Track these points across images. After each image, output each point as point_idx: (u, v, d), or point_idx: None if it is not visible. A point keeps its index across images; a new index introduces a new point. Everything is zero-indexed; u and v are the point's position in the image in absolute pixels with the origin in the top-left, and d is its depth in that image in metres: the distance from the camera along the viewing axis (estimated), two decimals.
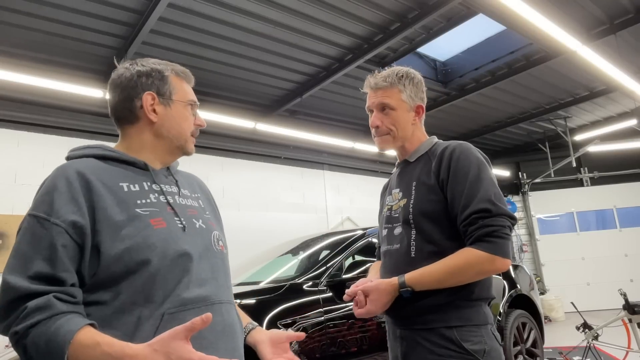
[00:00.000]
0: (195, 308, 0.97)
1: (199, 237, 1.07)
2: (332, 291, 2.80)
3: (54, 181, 0.95)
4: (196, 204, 1.17)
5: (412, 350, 1.30)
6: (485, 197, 1.22)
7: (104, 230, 0.93)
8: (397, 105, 1.39)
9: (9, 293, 0.85)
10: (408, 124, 1.41)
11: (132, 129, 1.11)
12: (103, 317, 0.91)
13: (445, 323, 1.26)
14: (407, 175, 1.42)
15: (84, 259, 0.91)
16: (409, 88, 1.41)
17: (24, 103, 4.79)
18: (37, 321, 0.83)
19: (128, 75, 1.10)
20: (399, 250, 1.34)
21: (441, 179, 1.30)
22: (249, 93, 5.59)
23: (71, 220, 0.91)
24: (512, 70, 5.48)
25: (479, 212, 1.21)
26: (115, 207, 0.96)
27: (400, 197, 1.40)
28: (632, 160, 8.70)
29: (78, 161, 1.02)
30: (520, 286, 3.76)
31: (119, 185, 1.00)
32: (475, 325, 1.27)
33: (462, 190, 1.25)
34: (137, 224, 0.96)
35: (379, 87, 1.41)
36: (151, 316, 0.92)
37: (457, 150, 1.31)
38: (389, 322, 1.42)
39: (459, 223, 1.26)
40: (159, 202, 1.04)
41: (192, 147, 1.17)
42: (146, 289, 0.93)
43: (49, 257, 0.88)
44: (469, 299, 1.28)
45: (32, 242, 0.90)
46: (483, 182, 1.25)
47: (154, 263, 0.95)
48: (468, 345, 1.23)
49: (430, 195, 1.31)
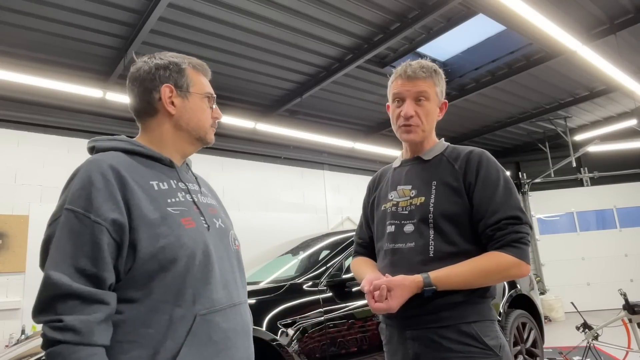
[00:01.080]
0: (222, 310, 1.01)
1: (220, 237, 1.09)
2: (332, 291, 2.80)
3: (89, 175, 0.94)
4: (214, 202, 1.20)
5: (426, 350, 1.26)
6: (515, 205, 1.27)
7: (140, 227, 0.94)
8: (432, 97, 1.38)
9: (50, 289, 0.86)
10: (435, 118, 1.41)
11: (152, 121, 1.13)
12: (137, 315, 0.92)
13: (464, 319, 1.25)
14: (422, 173, 1.39)
15: (121, 256, 0.93)
16: (440, 84, 1.40)
17: (24, 103, 4.79)
18: (66, 341, 0.84)
19: (146, 68, 1.12)
20: (414, 249, 1.30)
21: (468, 183, 1.30)
22: (249, 93, 5.59)
23: (112, 218, 0.92)
24: (512, 70, 5.48)
25: (509, 219, 1.24)
26: (149, 206, 0.97)
27: (414, 194, 1.36)
28: (632, 160, 8.70)
29: (109, 155, 1.01)
30: (520, 286, 3.76)
31: (149, 184, 1.01)
32: (490, 320, 1.28)
33: (491, 197, 1.27)
34: (170, 223, 0.98)
35: (418, 76, 1.36)
36: (184, 317, 0.94)
37: (484, 157, 1.33)
38: (392, 325, 1.37)
39: (484, 227, 1.26)
40: (186, 201, 1.06)
41: (212, 137, 1.18)
42: (177, 287, 0.95)
43: (91, 255, 0.89)
44: (485, 297, 1.29)
45: (73, 238, 0.90)
46: (512, 191, 1.29)
47: (185, 262, 0.96)
48: (487, 340, 1.24)
49: (453, 197, 1.30)
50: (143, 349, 0.91)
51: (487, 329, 1.26)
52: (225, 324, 1.00)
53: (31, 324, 4.44)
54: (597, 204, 8.70)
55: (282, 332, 2.44)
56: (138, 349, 0.91)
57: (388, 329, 1.40)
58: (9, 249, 4.59)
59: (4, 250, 4.56)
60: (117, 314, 0.92)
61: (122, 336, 0.91)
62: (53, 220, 0.94)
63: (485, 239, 1.27)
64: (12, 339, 4.32)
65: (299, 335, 2.50)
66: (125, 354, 0.90)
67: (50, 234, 0.93)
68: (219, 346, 0.97)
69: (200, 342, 0.95)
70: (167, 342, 0.91)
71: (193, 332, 0.94)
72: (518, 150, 9.18)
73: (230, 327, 1.01)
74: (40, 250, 0.94)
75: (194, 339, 0.94)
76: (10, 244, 4.61)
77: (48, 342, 0.85)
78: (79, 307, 0.86)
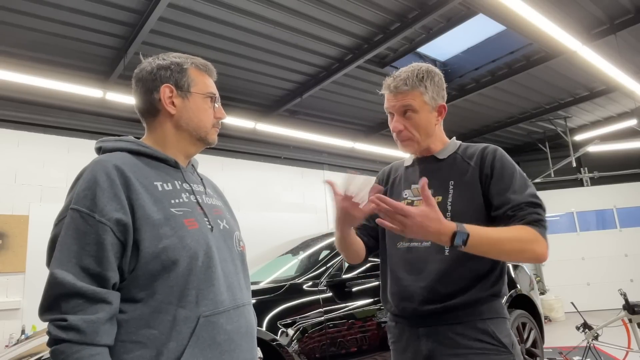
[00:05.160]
0: (226, 311, 1.01)
1: (224, 238, 1.10)
2: (332, 291, 2.80)
3: (94, 175, 0.96)
4: (219, 203, 1.20)
5: (439, 347, 1.25)
6: (533, 193, 1.26)
7: (143, 228, 0.95)
8: (419, 108, 1.33)
9: (55, 288, 0.87)
10: (431, 125, 1.37)
11: (155, 121, 1.13)
12: (141, 315, 0.93)
13: (479, 316, 1.25)
14: (438, 173, 1.37)
15: (125, 256, 0.94)
16: (430, 89, 1.34)
17: (24, 103, 4.79)
18: (69, 340, 0.85)
19: (149, 68, 1.12)
20: (430, 248, 1.30)
21: (484, 177, 1.30)
22: (249, 93, 5.60)
23: (116, 218, 0.93)
24: (512, 70, 5.48)
25: (530, 204, 1.23)
26: (153, 206, 0.98)
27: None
28: (632, 160, 8.70)
29: (114, 156, 1.03)
30: (520, 286, 3.76)
31: (153, 185, 1.02)
32: (503, 318, 1.29)
33: (510, 185, 1.26)
34: (173, 224, 0.98)
35: (401, 90, 1.33)
36: (187, 318, 0.95)
37: (498, 152, 1.33)
38: (403, 322, 1.35)
39: (505, 209, 1.23)
40: (190, 202, 1.06)
41: (214, 138, 1.18)
42: (180, 288, 0.96)
43: (96, 254, 0.90)
44: (498, 295, 1.29)
45: (78, 237, 0.91)
46: (528, 182, 1.29)
47: (187, 263, 0.97)
48: (502, 337, 1.24)
49: (470, 195, 1.30)
50: (146, 349, 0.91)
51: (502, 326, 1.26)
52: (229, 325, 1.00)
53: (31, 324, 4.45)
54: (597, 204, 8.69)
55: (282, 332, 2.44)
56: (141, 349, 0.91)
57: (398, 326, 1.38)
58: (9, 249, 4.59)
59: (4, 250, 4.56)
60: (121, 313, 0.93)
61: (126, 336, 0.92)
62: (59, 220, 0.96)
63: (505, 219, 1.23)
64: (12, 339, 4.32)
65: (299, 335, 2.50)
66: (128, 354, 0.91)
67: (56, 233, 0.94)
68: (223, 348, 0.98)
69: (203, 343, 0.95)
70: (170, 343, 0.92)
71: (197, 334, 0.94)
72: (518, 150, 9.18)
73: (234, 328, 1.01)
74: (47, 250, 0.96)
75: (197, 340, 0.94)
76: (10, 244, 4.61)
77: (52, 340, 0.86)
78: (82, 306, 0.87)
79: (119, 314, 0.92)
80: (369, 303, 2.92)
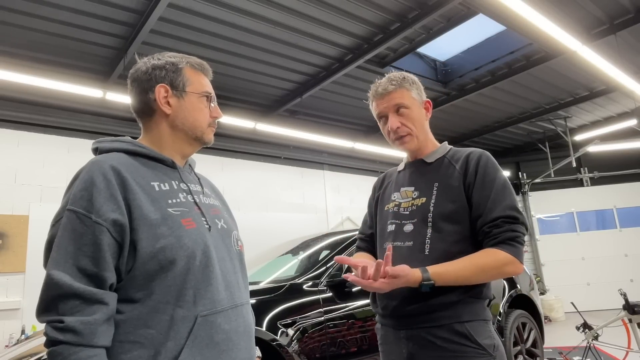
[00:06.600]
0: (224, 311, 1.01)
1: (222, 238, 1.10)
2: (332, 291, 2.80)
3: (90, 176, 0.95)
4: (217, 202, 1.19)
5: (420, 349, 1.29)
6: (511, 205, 1.30)
7: (141, 228, 0.94)
8: (410, 103, 1.43)
9: (52, 289, 0.87)
10: (423, 120, 1.47)
11: (151, 122, 1.13)
12: (139, 315, 0.93)
13: (457, 318, 1.27)
14: (425, 176, 1.44)
15: (122, 256, 0.94)
16: (414, 87, 1.46)
17: (24, 103, 4.79)
18: (67, 341, 0.85)
19: (144, 68, 1.12)
20: (412, 248, 1.35)
21: (467, 183, 1.35)
22: (248, 93, 5.59)
23: (112, 218, 0.92)
24: (512, 70, 5.48)
25: (506, 218, 1.27)
26: (150, 206, 0.98)
27: (417, 195, 1.42)
28: (632, 160, 8.70)
29: (111, 156, 1.02)
30: (520, 286, 3.76)
31: (150, 185, 1.02)
32: (484, 320, 1.30)
33: (489, 195, 1.30)
34: (171, 224, 0.98)
35: (388, 90, 1.43)
36: (185, 318, 0.94)
37: (483, 157, 1.37)
38: (388, 325, 1.39)
39: (482, 224, 1.30)
40: (187, 202, 1.06)
41: (210, 137, 1.18)
42: (177, 288, 0.96)
43: (92, 255, 0.90)
44: (479, 297, 1.31)
45: (74, 238, 0.91)
46: (509, 192, 1.32)
47: (185, 263, 0.97)
48: (480, 340, 1.25)
49: (453, 197, 1.34)
50: (144, 349, 0.91)
51: (481, 329, 1.28)
52: (227, 325, 1.00)
53: (31, 324, 4.44)
54: (597, 204, 8.69)
55: (282, 332, 2.44)
56: (139, 349, 0.91)
57: (383, 328, 1.43)
58: (9, 249, 4.59)
59: (4, 250, 4.56)
60: (119, 313, 0.93)
61: (124, 336, 0.92)
62: (56, 220, 0.95)
63: (481, 235, 1.30)
64: (12, 339, 4.32)
65: (299, 335, 2.50)
66: (126, 354, 0.90)
67: (53, 234, 0.94)
68: (221, 347, 0.97)
69: (201, 343, 0.95)
70: (168, 342, 0.92)
71: (194, 333, 0.94)
72: (518, 150, 9.18)
73: (232, 328, 1.01)
74: (44, 250, 0.95)
75: (195, 339, 0.94)
76: (10, 244, 4.61)
77: (50, 342, 0.86)
78: (79, 307, 0.86)
79: (117, 314, 0.92)
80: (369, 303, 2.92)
